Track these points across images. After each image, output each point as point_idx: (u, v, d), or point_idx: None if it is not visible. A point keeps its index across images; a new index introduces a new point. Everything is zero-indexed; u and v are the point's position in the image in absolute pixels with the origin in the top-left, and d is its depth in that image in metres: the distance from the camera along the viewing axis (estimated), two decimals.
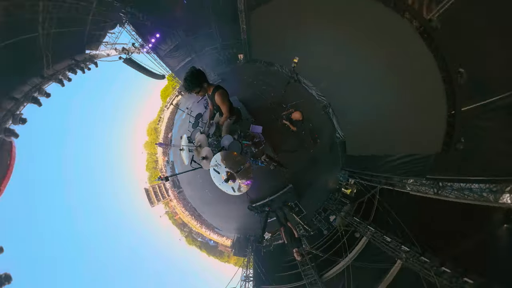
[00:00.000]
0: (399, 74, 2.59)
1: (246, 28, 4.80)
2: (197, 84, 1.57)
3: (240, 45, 5.51)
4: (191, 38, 5.45)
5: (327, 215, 4.55)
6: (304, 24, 3.54)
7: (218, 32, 5.34)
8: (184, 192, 8.25)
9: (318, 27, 3.34)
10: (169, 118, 11.16)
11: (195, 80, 1.56)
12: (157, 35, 5.13)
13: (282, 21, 3.94)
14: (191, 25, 5.09)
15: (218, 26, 5.15)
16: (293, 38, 3.98)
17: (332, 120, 4.34)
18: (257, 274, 4.55)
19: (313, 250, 3.80)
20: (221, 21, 4.97)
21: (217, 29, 5.24)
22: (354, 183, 4.32)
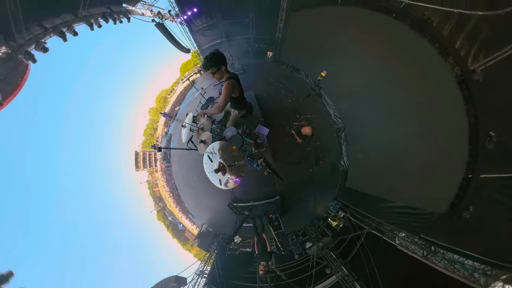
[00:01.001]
0: (425, 118, 2.52)
1: (283, 27, 4.82)
2: (216, 64, 1.57)
3: (272, 43, 5.52)
4: (227, 22, 5.47)
5: (304, 240, 4.46)
6: (340, 40, 3.52)
7: (254, 24, 5.36)
8: (171, 168, 8.30)
9: (355, 47, 3.32)
10: (181, 92, 11.32)
11: (216, 59, 1.57)
12: (194, 9, 5.18)
13: (319, 31, 3.93)
14: (230, 9, 5.11)
15: (256, 18, 5.17)
16: (326, 50, 3.96)
17: (342, 146, 4.26)
18: (213, 273, 4.47)
19: (278, 270, 3.68)
20: (260, 14, 5.00)
21: (254, 21, 5.26)
22: (343, 217, 4.21)
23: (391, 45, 2.75)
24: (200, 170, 1.83)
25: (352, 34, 3.26)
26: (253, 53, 6.16)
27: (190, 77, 8.84)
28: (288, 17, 4.50)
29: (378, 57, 2.99)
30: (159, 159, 11.66)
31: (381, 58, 2.95)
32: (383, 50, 2.87)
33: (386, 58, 2.88)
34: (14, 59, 2.67)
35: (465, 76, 2.08)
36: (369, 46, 3.08)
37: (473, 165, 2.10)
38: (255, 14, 5.05)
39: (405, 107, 2.81)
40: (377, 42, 2.93)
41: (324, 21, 3.71)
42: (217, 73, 1.62)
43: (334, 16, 3.46)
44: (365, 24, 2.97)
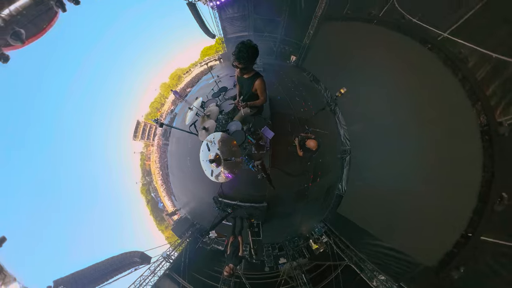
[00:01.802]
0: (438, 162, 2.44)
1: (313, 35, 4.83)
2: (251, 61, 1.55)
3: (297, 47, 5.51)
4: (258, 16, 5.50)
5: (279, 254, 4.37)
6: (367, 60, 3.46)
7: (284, 24, 5.37)
8: (168, 146, 8.38)
9: (381, 69, 3.26)
10: (197, 75, 11.46)
11: (254, 57, 1.53)
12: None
13: (348, 46, 3.88)
14: (264, 5, 5.14)
15: (288, 19, 5.18)
16: (350, 67, 3.90)
17: (343, 169, 4.17)
18: (179, 261, 4.45)
19: (244, 277, 3.64)
20: (293, 17, 5.01)
21: (285, 21, 5.27)
22: (325, 242, 4.12)
23: (419, 76, 2.66)
24: (195, 156, 1.82)
25: (380, 56, 3.20)
26: (276, 54, 6.18)
27: (209, 62, 8.96)
28: (320, 25, 4.52)
29: (402, 85, 2.92)
30: (158, 134, 11.80)
31: (406, 88, 2.87)
32: (410, 80, 2.79)
33: (411, 89, 2.79)
34: (46, 3, 2.76)
35: (490, 127, 1.97)
36: (396, 72, 3.01)
37: (476, 223, 1.99)
38: (288, 16, 5.07)
39: (419, 145, 2.72)
40: (405, 70, 2.85)
41: (355, 37, 3.66)
42: (245, 68, 1.61)
43: (366, 34, 3.40)
44: (397, 49, 2.90)
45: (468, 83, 2.11)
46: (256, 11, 5.39)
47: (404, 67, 2.86)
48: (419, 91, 2.67)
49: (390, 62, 3.06)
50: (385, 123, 3.34)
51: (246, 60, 1.52)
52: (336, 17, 3.99)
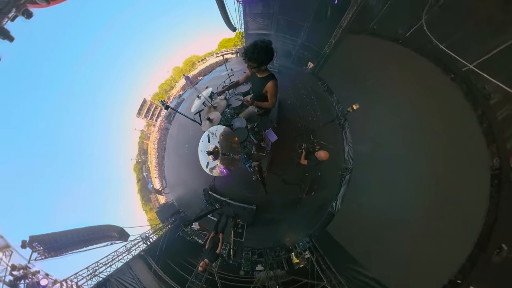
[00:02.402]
0: (441, 197, 2.36)
1: (334, 44, 4.78)
2: (265, 60, 1.48)
3: (317, 55, 5.47)
4: (282, 17, 5.48)
5: (257, 261, 4.34)
6: (386, 79, 3.40)
7: (307, 29, 5.34)
8: (169, 130, 8.46)
9: (399, 92, 3.20)
10: (211, 65, 11.56)
11: (268, 56, 1.46)
12: None
13: (368, 62, 3.82)
14: (290, 7, 5.13)
15: (311, 25, 5.15)
16: (367, 84, 3.82)
17: (341, 187, 4.11)
18: (156, 245, 4.49)
19: (217, 275, 3.65)
20: (317, 23, 4.98)
21: (308, 26, 5.24)
22: (307, 258, 4.07)
23: (437, 106, 2.59)
24: (194, 145, 1.82)
25: (400, 78, 3.15)
26: (294, 58, 6.15)
27: (225, 54, 9.00)
28: (343, 36, 4.46)
29: (418, 113, 2.85)
30: (162, 116, 11.96)
31: (421, 116, 2.81)
32: (426, 108, 2.72)
33: (426, 118, 2.73)
34: None
35: (502, 171, 1.90)
36: (413, 97, 2.94)
37: (467, 271, 1.92)
38: (312, 21, 5.03)
39: (424, 178, 2.65)
40: (423, 97, 2.78)
41: (377, 54, 3.61)
42: (257, 67, 1.55)
43: (389, 52, 3.34)
44: (418, 73, 2.83)
45: (486, 121, 2.04)
46: (281, 11, 5.38)
47: (422, 93, 2.80)
48: (435, 122, 2.61)
49: (409, 86, 3.00)
50: (392, 149, 3.28)
51: (255, 61, 1.46)
52: (361, 31, 3.92)
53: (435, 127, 2.60)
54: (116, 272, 3.68)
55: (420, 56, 2.75)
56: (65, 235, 3.82)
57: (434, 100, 2.63)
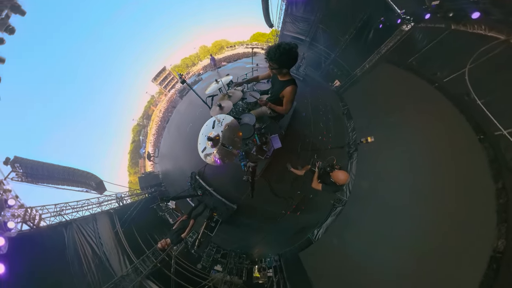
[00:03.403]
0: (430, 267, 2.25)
1: (367, 69, 4.71)
2: (285, 63, 1.45)
3: (346, 75, 5.39)
4: (322, 26, 5.50)
5: (219, 260, 4.31)
6: (410, 118, 3.30)
7: (343, 46, 5.30)
8: (178, 104, 8.59)
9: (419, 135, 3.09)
10: (238, 54, 11.68)
11: (289, 60, 1.43)
12: None
13: (396, 96, 3.72)
14: (332, 19, 5.12)
15: (349, 43, 5.10)
16: (389, 119, 3.73)
17: (328, 217, 4.02)
18: (127, 209, 4.53)
19: (173, 259, 3.69)
20: (356, 42, 4.93)
21: (346, 43, 5.20)
22: (268, 277, 3.98)
23: (456, 165, 2.46)
24: (198, 126, 1.82)
25: (425, 123, 3.02)
26: (323, 71, 6.10)
27: (255, 48, 9.06)
28: (378, 63, 4.41)
29: (434, 166, 2.72)
30: (176, 89, 12.18)
31: (436, 169, 2.67)
32: (445, 163, 2.60)
33: (441, 174, 2.59)
34: None
35: (504, 255, 1.79)
36: (434, 148, 2.81)
37: None
38: (351, 39, 4.98)
39: (420, 239, 2.53)
40: (444, 150, 2.66)
41: (408, 91, 3.52)
42: (277, 69, 1.54)
43: (421, 93, 3.23)
44: (445, 125, 2.72)
45: (505, 197, 1.93)
46: (322, 20, 5.39)
47: (444, 146, 2.69)
48: (448, 181, 2.49)
49: (432, 134, 2.89)
50: (396, 196, 3.17)
51: (276, 62, 1.44)
52: (398, 62, 3.84)
53: (447, 187, 2.49)
54: (80, 219, 3.75)
55: (452, 106, 2.63)
56: (47, 167, 3.94)
57: (455, 157, 2.52)
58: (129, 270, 3.50)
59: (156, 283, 3.54)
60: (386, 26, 4.00)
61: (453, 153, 2.53)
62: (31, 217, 3.21)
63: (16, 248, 2.46)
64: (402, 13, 3.51)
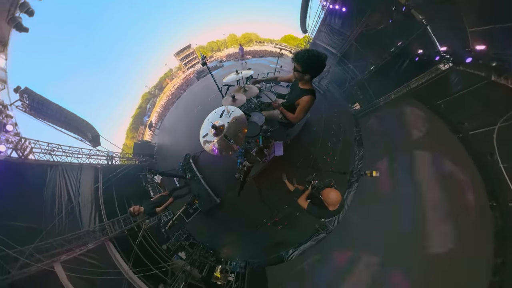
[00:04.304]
0: None
1: (391, 100, 4.60)
2: (309, 69, 1.45)
3: (368, 101, 5.23)
4: (356, 45, 5.35)
5: (185, 248, 4.32)
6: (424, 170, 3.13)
7: (373, 71, 5.18)
8: (193, 84, 8.74)
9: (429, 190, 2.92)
10: (265, 51, 11.78)
11: (315, 67, 1.44)
12: (344, 9, 5.16)
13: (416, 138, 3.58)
14: (370, 39, 4.97)
15: (379, 68, 4.97)
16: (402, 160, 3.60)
17: (307, 242, 3.94)
18: (113, 169, 4.68)
19: (142, 232, 3.84)
20: (386, 70, 4.74)
21: (376, 68, 5.08)
22: (228, 281, 3.94)
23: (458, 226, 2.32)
24: (206, 111, 1.86)
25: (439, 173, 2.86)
26: (346, 90, 5.95)
27: (283, 49, 9.07)
28: (405, 97, 4.25)
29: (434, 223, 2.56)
30: (195, 69, 12.44)
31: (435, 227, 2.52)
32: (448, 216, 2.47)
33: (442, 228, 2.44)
34: None
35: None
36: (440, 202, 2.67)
37: None
38: (383, 65, 4.82)
39: None
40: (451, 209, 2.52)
41: (428, 134, 3.38)
42: (300, 74, 1.53)
43: (442, 140, 3.06)
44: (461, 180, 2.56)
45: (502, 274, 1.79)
46: (358, 38, 5.25)
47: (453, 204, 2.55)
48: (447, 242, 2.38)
49: (442, 187, 2.75)
50: (386, 242, 3.03)
51: (301, 64, 1.45)
52: (426, 101, 3.66)
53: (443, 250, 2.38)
54: (67, 164, 3.87)
55: (472, 162, 2.49)
56: (52, 106, 4.10)
57: (459, 218, 2.39)
58: (96, 227, 3.57)
59: (117, 249, 3.59)
60: (423, 60, 3.81)
61: (460, 211, 2.40)
62: (22, 147, 3.34)
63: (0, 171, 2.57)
64: (442, 50, 3.33)
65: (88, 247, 3.15)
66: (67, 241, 2.92)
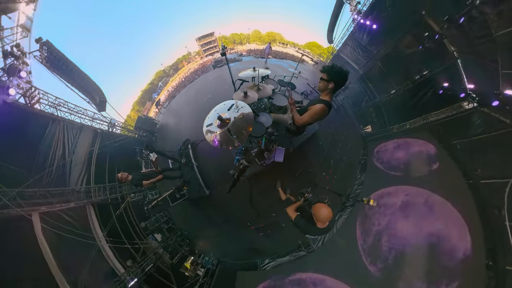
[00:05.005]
0: None
1: (405, 130, 4.50)
2: (334, 78, 1.55)
3: (382, 126, 5.09)
4: (380, 65, 5.21)
5: (162, 230, 4.35)
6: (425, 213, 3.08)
7: (392, 96, 5.04)
8: (209, 72, 8.85)
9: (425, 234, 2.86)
10: (286, 54, 11.73)
11: (340, 79, 1.56)
12: (374, 26, 5.03)
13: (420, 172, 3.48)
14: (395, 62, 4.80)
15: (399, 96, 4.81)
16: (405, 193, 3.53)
17: (284, 256, 3.87)
18: (113, 137, 4.82)
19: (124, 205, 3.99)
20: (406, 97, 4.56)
21: (396, 94, 4.93)
22: (196, 274, 3.90)
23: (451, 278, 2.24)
24: (215, 101, 1.89)
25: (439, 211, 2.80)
26: (360, 110, 5.81)
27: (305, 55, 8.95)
28: (420, 129, 4.14)
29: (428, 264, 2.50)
30: (213, 57, 12.63)
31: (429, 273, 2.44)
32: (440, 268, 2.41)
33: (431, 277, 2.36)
34: None
35: None
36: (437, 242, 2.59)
37: None
38: (404, 92, 4.63)
39: None
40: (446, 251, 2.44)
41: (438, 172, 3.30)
42: (325, 84, 1.61)
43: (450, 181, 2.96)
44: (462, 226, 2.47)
45: None
46: (383, 58, 5.10)
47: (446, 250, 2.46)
48: None
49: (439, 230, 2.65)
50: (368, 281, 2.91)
51: (328, 73, 1.57)
52: (442, 138, 3.52)
53: None
54: (69, 122, 4.01)
55: (477, 213, 2.37)
56: (69, 64, 4.28)
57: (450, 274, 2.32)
58: (81, 189, 3.67)
59: (97, 215, 3.67)
60: (447, 94, 3.60)
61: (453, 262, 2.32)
62: (31, 96, 3.46)
63: (4, 112, 2.71)
64: (469, 88, 3.12)
65: (69, 205, 3.24)
66: (50, 194, 3.01)
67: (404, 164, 4.01)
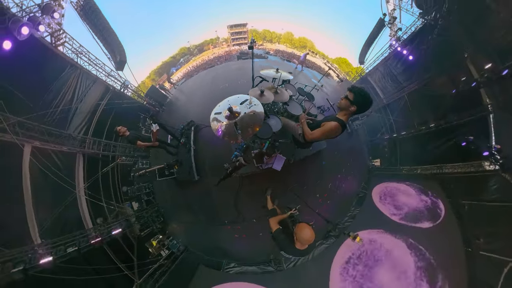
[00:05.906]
0: None
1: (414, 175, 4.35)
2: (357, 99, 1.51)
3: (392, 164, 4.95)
4: (408, 99, 4.97)
5: (142, 201, 4.46)
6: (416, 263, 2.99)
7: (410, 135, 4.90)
8: (232, 62, 8.99)
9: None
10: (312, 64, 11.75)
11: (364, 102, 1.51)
12: (410, 57, 4.78)
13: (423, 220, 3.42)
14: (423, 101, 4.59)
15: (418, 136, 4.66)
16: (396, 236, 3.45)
17: (253, 265, 3.81)
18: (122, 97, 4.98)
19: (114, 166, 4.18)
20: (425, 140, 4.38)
21: (416, 134, 4.77)
22: (158, 254, 3.91)
23: None
24: (231, 91, 2.03)
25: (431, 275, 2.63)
26: (374, 141, 5.68)
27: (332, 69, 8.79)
28: (429, 178, 3.94)
29: None
30: (240, 48, 12.82)
31: None
32: None
33: None
34: None
35: None
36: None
37: None
38: (425, 133, 4.43)
39: None
40: None
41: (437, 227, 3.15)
42: (347, 104, 1.56)
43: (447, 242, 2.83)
44: None
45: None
46: (411, 93, 4.87)
47: None
48: None
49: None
50: None
51: (354, 94, 1.53)
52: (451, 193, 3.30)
53: None
54: (85, 71, 4.21)
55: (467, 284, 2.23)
56: (101, 19, 4.51)
57: None
58: (78, 136, 3.83)
59: (84, 165, 3.83)
60: (469, 148, 3.38)
61: None
62: (58, 37, 3.61)
63: (29, 45, 2.85)
64: (495, 148, 2.93)
65: (62, 148, 3.38)
66: (48, 133, 3.18)
67: (404, 210, 3.84)
